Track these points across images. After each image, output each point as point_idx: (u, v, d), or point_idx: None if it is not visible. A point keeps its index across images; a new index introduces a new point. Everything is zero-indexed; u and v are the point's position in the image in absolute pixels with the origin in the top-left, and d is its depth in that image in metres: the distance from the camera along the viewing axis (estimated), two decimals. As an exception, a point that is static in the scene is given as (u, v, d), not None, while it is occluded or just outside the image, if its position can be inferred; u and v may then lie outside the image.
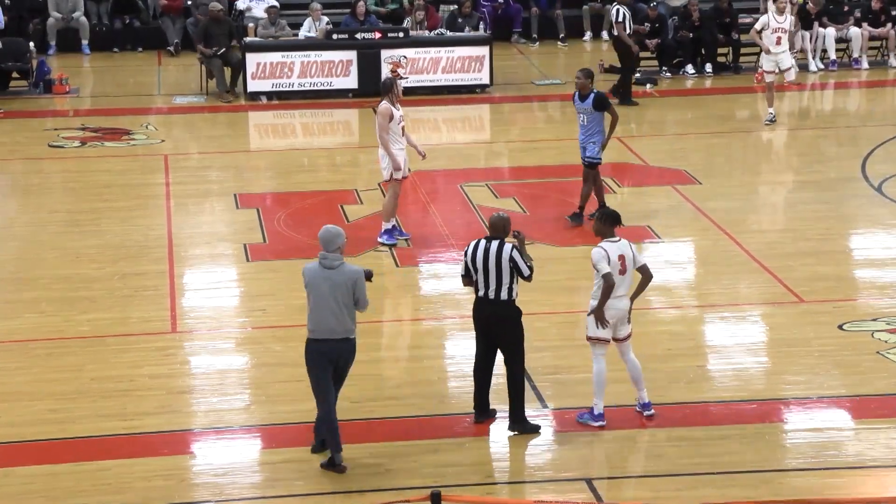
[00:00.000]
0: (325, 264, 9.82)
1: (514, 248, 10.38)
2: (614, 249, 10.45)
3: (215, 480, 9.87)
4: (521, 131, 20.73)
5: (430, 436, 10.53)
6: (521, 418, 10.52)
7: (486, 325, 10.46)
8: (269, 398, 11.23)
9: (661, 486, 9.72)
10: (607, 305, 10.42)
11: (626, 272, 10.46)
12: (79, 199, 17.04)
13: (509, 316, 10.41)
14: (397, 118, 14.54)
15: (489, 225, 10.58)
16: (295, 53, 22.01)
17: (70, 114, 21.49)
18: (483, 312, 10.44)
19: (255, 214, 16.22)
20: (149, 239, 15.33)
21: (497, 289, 10.32)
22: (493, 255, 10.31)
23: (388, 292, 13.69)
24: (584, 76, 15.07)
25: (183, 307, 13.36)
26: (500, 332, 10.45)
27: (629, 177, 17.76)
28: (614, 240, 10.52)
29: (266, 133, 21.22)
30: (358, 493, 9.62)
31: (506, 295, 10.34)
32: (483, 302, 10.41)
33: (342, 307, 9.77)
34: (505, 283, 10.31)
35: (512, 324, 10.43)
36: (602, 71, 23.94)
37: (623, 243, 10.52)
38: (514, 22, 26.37)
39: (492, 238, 10.44)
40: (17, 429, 10.76)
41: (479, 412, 10.67)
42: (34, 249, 15.01)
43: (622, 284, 10.45)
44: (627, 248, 10.50)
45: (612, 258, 10.40)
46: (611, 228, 10.57)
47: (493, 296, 10.33)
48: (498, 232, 10.46)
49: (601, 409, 10.55)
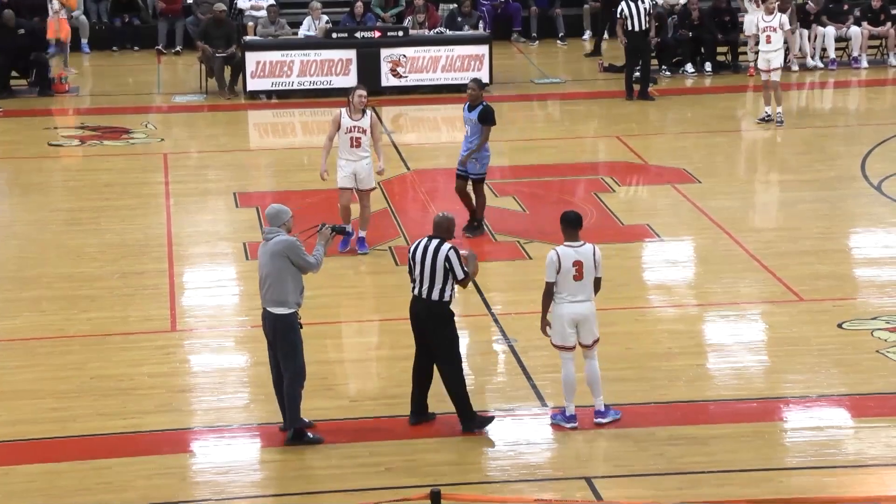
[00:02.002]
0: (265, 238, 10.30)
1: (452, 248, 10.29)
2: (570, 255, 10.28)
3: (216, 479, 9.88)
4: (521, 130, 20.72)
5: (430, 434, 10.53)
6: (469, 416, 10.42)
7: (418, 323, 10.43)
8: (268, 397, 11.18)
9: (661, 484, 9.73)
10: (562, 312, 10.31)
11: (583, 278, 10.28)
12: (79, 197, 17.05)
13: (440, 316, 10.33)
14: (346, 128, 14.14)
15: (433, 224, 10.54)
16: (294, 52, 22.02)
17: (70, 112, 21.49)
18: (415, 310, 10.42)
19: (254, 213, 16.22)
20: (149, 238, 15.33)
21: (430, 288, 10.28)
22: (431, 255, 10.27)
23: (387, 291, 13.69)
24: (478, 87, 14.60)
25: (183, 306, 13.37)
26: (430, 331, 10.36)
27: (629, 176, 17.77)
28: (576, 244, 10.34)
29: (266, 132, 21.22)
30: (358, 492, 9.62)
31: (437, 295, 10.28)
32: (416, 300, 10.40)
33: (277, 279, 10.07)
34: (438, 284, 10.25)
35: (442, 324, 10.33)
36: (601, 70, 23.99)
37: (585, 249, 10.33)
38: (514, 21, 26.38)
39: (433, 237, 10.40)
40: (18, 427, 10.77)
41: (414, 413, 10.55)
42: (35, 248, 15.01)
43: (580, 290, 10.29)
44: (590, 255, 10.31)
45: (565, 264, 10.24)
46: (572, 232, 10.38)
47: (425, 294, 10.31)
48: (441, 232, 10.42)
49: (573, 411, 10.52)
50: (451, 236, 10.50)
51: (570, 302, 10.32)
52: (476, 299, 13.38)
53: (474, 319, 12.91)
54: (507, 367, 11.84)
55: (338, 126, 14.17)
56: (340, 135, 14.23)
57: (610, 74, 23.71)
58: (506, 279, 13.99)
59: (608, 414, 10.56)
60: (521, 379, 11.52)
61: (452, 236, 10.56)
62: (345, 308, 13.38)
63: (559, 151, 19.04)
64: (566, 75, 23.86)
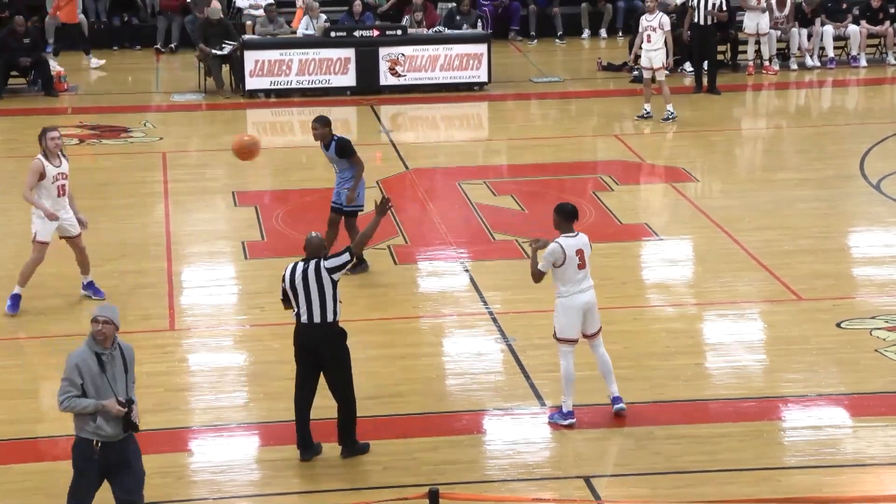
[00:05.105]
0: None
1: (323, 258, 9.92)
2: (572, 244, 10.41)
3: (213, 478, 9.87)
4: (519, 129, 20.73)
5: (429, 433, 10.53)
6: (355, 440, 10.10)
7: (312, 349, 9.88)
8: (267, 395, 11.22)
9: (660, 483, 9.72)
10: (573, 303, 10.35)
11: (586, 266, 10.43)
12: (77, 196, 16.88)
13: (338, 336, 9.93)
14: (51, 176, 12.50)
15: (305, 246, 10.02)
16: (293, 51, 22.01)
17: (68, 111, 21.47)
18: (308, 336, 9.85)
19: (253, 212, 16.21)
20: (147, 236, 15.32)
21: (322, 311, 9.83)
22: (313, 276, 9.83)
23: (386, 290, 13.68)
24: (321, 125, 13.52)
25: (181, 304, 13.36)
26: (329, 354, 9.90)
27: (627, 174, 17.76)
28: (572, 234, 10.47)
29: (264, 130, 21.20)
30: (356, 491, 9.61)
31: (331, 317, 9.88)
32: (307, 327, 9.85)
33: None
34: (329, 305, 9.85)
35: (340, 345, 9.96)
36: (600, 68, 23.99)
37: (581, 238, 10.48)
38: (512, 19, 26.37)
39: (308, 259, 9.94)
40: (15, 426, 10.77)
41: (306, 449, 10.02)
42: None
43: (584, 278, 10.42)
44: (586, 243, 10.48)
45: (570, 253, 10.35)
46: (568, 224, 10.48)
47: (318, 319, 9.84)
48: (313, 251, 9.97)
49: (570, 407, 10.53)
50: (324, 254, 10.02)
51: (579, 292, 10.39)
52: (474, 297, 13.38)
53: (472, 318, 12.92)
54: (506, 367, 11.83)
55: (41, 175, 12.54)
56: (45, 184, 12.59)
57: (608, 73, 23.72)
58: (504, 278, 13.98)
59: (620, 401, 10.60)
60: (519, 378, 11.52)
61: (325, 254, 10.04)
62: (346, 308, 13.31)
63: (558, 150, 19.03)
64: (565, 74, 23.85)
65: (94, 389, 8.38)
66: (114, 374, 8.43)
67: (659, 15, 20.07)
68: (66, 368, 8.42)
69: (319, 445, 10.11)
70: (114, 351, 8.46)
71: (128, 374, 8.52)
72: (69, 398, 8.37)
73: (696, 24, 21.73)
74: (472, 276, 14.02)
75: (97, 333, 8.38)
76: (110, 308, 8.55)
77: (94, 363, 8.37)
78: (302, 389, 10.05)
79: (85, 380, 8.36)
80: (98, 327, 8.36)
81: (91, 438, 8.43)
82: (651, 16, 20.03)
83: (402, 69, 22.19)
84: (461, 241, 15.15)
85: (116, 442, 8.47)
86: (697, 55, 22.18)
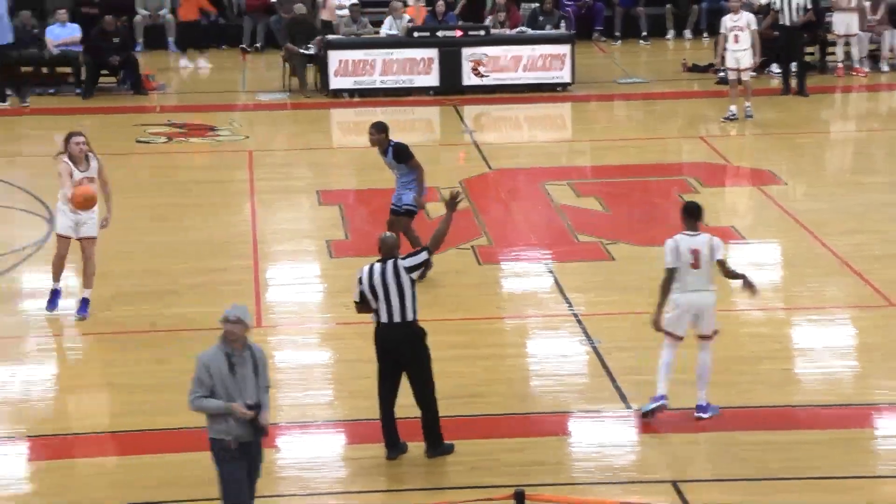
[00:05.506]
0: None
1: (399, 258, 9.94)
2: (687, 242, 10.35)
3: (300, 474, 9.94)
4: (603, 130, 20.64)
5: (513, 434, 10.52)
6: (439, 440, 10.08)
7: (394, 348, 9.89)
8: (351, 394, 11.28)
9: (748, 489, 9.61)
10: (680, 301, 10.33)
11: (701, 267, 10.33)
12: (164, 194, 17.25)
13: (418, 335, 9.92)
14: (76, 180, 12.66)
15: (379, 246, 10.03)
16: (376, 51, 22.11)
17: (157, 110, 21.76)
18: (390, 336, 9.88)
19: (337, 211, 16.30)
20: (233, 235, 15.47)
21: (401, 311, 9.83)
22: (392, 276, 9.84)
23: (469, 290, 13.68)
24: (377, 131, 13.52)
25: (267, 302, 13.47)
26: (409, 354, 9.91)
27: (712, 176, 17.60)
28: (692, 233, 10.43)
29: (348, 130, 21.32)
30: (441, 491, 9.63)
31: (410, 316, 9.86)
32: (387, 327, 9.87)
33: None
34: (408, 304, 9.83)
35: (420, 343, 9.95)
36: (685, 70, 23.80)
37: (700, 238, 10.39)
38: (596, 20, 26.27)
39: (384, 259, 9.95)
40: (106, 419, 10.94)
41: (392, 447, 10.05)
42: (122, 244, 15.15)
43: (697, 279, 10.34)
44: (706, 244, 10.36)
45: (682, 250, 10.31)
46: (688, 221, 10.47)
47: (398, 319, 9.84)
48: (388, 251, 9.98)
49: (663, 391, 10.44)
50: (396, 254, 10.03)
51: (689, 291, 10.34)
52: (558, 299, 13.34)
53: (557, 319, 12.88)
54: (591, 368, 11.78)
55: (70, 176, 12.64)
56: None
57: (693, 74, 23.53)
58: (588, 280, 13.93)
59: (709, 409, 10.51)
60: (604, 380, 11.46)
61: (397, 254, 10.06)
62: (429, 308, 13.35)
63: (642, 151, 18.91)
64: (649, 75, 23.70)
65: (224, 390, 8.34)
66: (243, 376, 8.38)
67: (745, 14, 19.87)
68: (196, 367, 8.41)
69: (405, 445, 10.13)
70: (244, 353, 8.41)
71: (258, 377, 8.47)
72: (196, 398, 8.40)
73: (783, 25, 21.49)
74: (555, 277, 13.98)
75: (228, 333, 8.33)
76: (241, 307, 8.48)
77: (223, 364, 8.33)
78: (384, 388, 10.08)
79: (214, 381, 8.33)
80: (229, 327, 8.31)
81: (222, 438, 8.42)
82: (736, 16, 19.84)
83: (486, 69, 22.18)
84: (544, 241, 15.11)
85: (252, 442, 8.48)
86: (784, 57, 21.93)
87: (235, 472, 8.46)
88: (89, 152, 12.78)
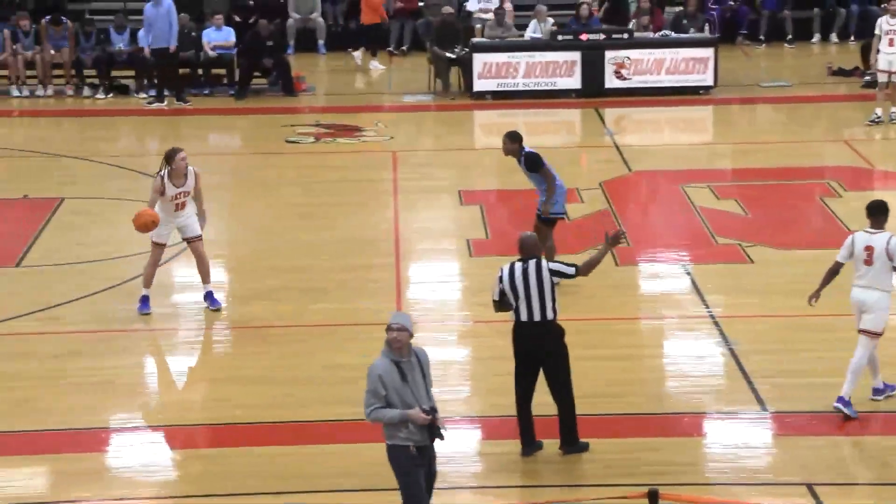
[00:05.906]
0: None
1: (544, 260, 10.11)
2: (864, 239, 10.53)
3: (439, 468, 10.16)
4: (745, 133, 20.52)
5: (649, 434, 10.63)
6: (575, 438, 10.22)
7: (537, 346, 10.05)
8: (489, 391, 11.48)
9: (887, 494, 9.57)
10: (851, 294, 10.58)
11: (874, 264, 10.47)
12: (311, 193, 17.71)
13: (558, 333, 10.07)
14: (170, 196, 12.96)
15: (520, 246, 10.16)
16: (520, 54, 22.33)
17: (306, 111, 22.31)
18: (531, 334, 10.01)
19: (478, 211, 16.56)
20: (377, 233, 15.82)
21: (542, 309, 9.99)
22: (534, 275, 10.00)
23: (607, 291, 13.80)
24: (510, 141, 13.47)
25: (408, 299, 13.78)
26: (550, 351, 10.07)
27: (856, 180, 17.39)
28: (872, 231, 10.61)
29: (490, 131, 21.55)
30: (576, 488, 9.78)
31: (550, 315, 10.02)
32: (526, 325, 10.00)
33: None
34: (548, 303, 9.97)
35: (560, 341, 10.09)
36: (830, 74, 23.50)
37: (880, 237, 10.54)
38: (741, 23, 26.09)
39: (525, 259, 10.10)
40: (253, 411, 11.29)
41: (528, 444, 10.24)
42: (271, 240, 15.68)
43: (866, 275, 10.52)
44: (883, 242, 10.50)
45: (857, 247, 10.52)
46: (872, 219, 10.68)
47: (538, 318, 10.00)
48: (530, 251, 10.11)
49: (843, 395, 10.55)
50: (537, 254, 10.20)
51: (857, 287, 10.60)
52: (695, 300, 13.39)
53: (693, 321, 12.93)
54: (727, 370, 11.82)
55: (161, 193, 12.96)
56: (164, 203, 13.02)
57: (838, 78, 23.22)
58: (726, 282, 13.94)
59: (848, 406, 10.58)
60: (741, 382, 11.50)
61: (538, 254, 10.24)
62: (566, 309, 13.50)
63: (784, 155, 18.77)
64: (793, 78, 23.45)
65: (399, 398, 8.51)
66: (415, 381, 8.56)
67: None
68: (369, 380, 8.52)
69: (541, 442, 10.30)
70: (411, 358, 8.60)
71: (426, 379, 8.66)
72: (374, 410, 8.54)
73: None
74: (693, 279, 14.03)
75: (392, 341, 8.48)
76: (404, 315, 8.69)
77: (395, 374, 8.49)
78: (521, 386, 10.26)
79: (388, 391, 8.49)
80: (393, 335, 8.47)
81: (406, 445, 8.62)
82: (893, 19, 19.48)
83: (628, 72, 22.24)
84: (683, 243, 15.15)
85: (428, 445, 8.70)
86: None
87: (418, 477, 8.67)
88: (189, 166, 13.12)
